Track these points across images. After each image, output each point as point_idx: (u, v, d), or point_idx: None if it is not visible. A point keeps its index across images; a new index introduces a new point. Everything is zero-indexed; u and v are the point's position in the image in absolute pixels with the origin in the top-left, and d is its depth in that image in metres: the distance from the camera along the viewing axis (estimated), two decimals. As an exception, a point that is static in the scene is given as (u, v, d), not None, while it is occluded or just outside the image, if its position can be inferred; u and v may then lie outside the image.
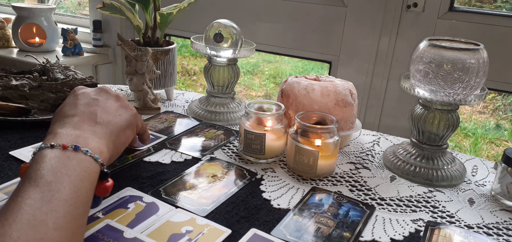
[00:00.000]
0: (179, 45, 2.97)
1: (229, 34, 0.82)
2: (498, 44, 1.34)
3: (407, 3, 1.42)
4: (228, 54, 0.82)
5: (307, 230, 0.51)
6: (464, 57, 0.60)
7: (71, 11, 2.75)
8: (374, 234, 0.52)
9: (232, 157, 0.69)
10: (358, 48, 1.54)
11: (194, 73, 3.08)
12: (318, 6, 1.57)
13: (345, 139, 0.76)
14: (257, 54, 2.75)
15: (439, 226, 0.54)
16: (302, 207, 0.56)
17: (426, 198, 0.61)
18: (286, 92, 0.74)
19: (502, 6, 1.82)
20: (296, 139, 0.64)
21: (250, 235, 0.49)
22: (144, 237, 0.47)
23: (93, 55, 2.06)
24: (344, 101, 0.71)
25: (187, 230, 0.49)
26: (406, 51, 1.46)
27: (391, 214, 0.57)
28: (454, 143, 2.18)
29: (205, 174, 0.63)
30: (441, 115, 0.65)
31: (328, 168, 0.65)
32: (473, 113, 2.41)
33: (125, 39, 0.83)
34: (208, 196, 0.57)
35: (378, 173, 0.68)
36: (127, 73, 0.84)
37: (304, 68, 2.86)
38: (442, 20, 1.40)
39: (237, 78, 0.86)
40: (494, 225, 0.56)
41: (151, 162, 0.65)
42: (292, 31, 1.65)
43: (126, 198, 0.55)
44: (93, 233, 0.47)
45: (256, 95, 2.81)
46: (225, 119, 0.84)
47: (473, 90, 0.62)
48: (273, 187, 0.61)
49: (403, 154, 0.70)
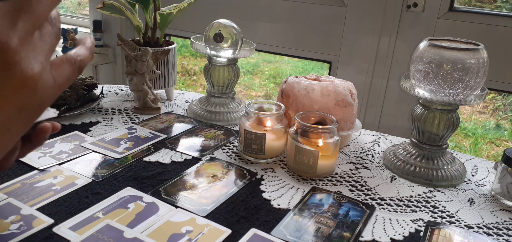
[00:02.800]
0: (179, 45, 2.97)
1: (229, 34, 0.82)
2: (498, 44, 1.34)
3: (407, 3, 1.42)
4: (228, 54, 0.82)
5: (307, 230, 0.51)
6: (464, 57, 0.60)
7: (71, 11, 2.75)
8: (374, 234, 0.52)
9: (232, 157, 0.69)
10: (358, 48, 1.54)
11: (194, 73, 3.08)
12: (318, 6, 1.57)
13: (345, 139, 0.76)
14: (257, 54, 2.75)
15: (439, 226, 0.54)
16: (302, 207, 0.56)
17: (426, 198, 0.61)
18: (286, 92, 0.74)
19: (502, 6, 1.82)
20: (296, 139, 0.64)
21: (250, 235, 0.49)
22: (144, 237, 0.47)
23: (93, 55, 2.06)
24: (344, 101, 0.71)
25: (187, 230, 0.49)
26: (406, 51, 1.46)
27: (391, 214, 0.57)
28: (454, 143, 2.18)
29: (205, 174, 0.63)
30: (441, 115, 0.65)
31: (328, 168, 0.65)
32: (473, 113, 2.41)
33: (125, 39, 0.83)
34: (208, 196, 0.57)
35: (378, 173, 0.68)
36: (127, 73, 0.84)
37: (304, 68, 2.86)
38: (442, 20, 1.40)
39: (237, 78, 0.86)
40: (494, 225, 0.56)
41: (151, 162, 0.65)
42: (292, 31, 1.65)
43: (126, 198, 0.55)
44: (93, 233, 0.47)
45: (256, 95, 2.81)
46: (225, 119, 0.84)
47: (473, 90, 0.62)
48: (273, 187, 0.61)
49: (403, 154, 0.70)
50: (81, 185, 0.57)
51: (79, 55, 0.31)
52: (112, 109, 0.86)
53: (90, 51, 0.32)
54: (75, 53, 0.31)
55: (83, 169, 0.61)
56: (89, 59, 0.32)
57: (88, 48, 0.32)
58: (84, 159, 0.65)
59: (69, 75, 0.30)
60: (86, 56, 0.32)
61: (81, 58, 0.31)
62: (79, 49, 0.32)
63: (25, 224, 0.48)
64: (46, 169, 0.60)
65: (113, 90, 0.99)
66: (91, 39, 0.33)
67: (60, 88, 0.29)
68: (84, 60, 0.31)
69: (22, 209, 0.50)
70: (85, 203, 0.53)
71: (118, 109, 0.87)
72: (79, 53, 0.31)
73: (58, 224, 0.48)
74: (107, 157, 0.66)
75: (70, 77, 0.30)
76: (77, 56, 0.31)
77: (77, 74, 0.31)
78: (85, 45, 0.32)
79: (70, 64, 0.30)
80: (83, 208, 0.52)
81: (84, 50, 0.32)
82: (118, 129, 0.77)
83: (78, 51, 0.31)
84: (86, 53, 0.32)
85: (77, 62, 0.31)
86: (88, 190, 0.56)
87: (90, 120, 0.80)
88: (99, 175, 0.60)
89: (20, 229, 0.47)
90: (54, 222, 0.49)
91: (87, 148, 0.68)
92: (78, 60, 0.30)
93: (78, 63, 0.31)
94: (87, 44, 0.32)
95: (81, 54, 0.31)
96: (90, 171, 0.61)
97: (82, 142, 0.70)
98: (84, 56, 0.31)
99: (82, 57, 0.31)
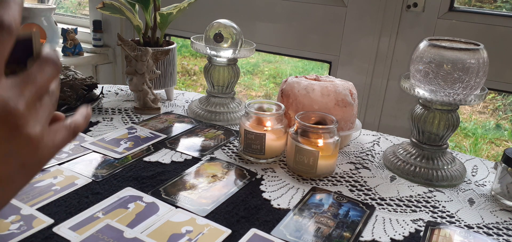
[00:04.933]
0: (179, 45, 2.97)
1: (229, 34, 0.82)
2: (498, 44, 1.34)
3: (407, 3, 1.42)
4: (228, 54, 0.82)
5: (307, 230, 0.51)
6: (464, 57, 0.60)
7: (71, 11, 2.75)
8: (374, 234, 0.52)
9: (232, 157, 0.69)
10: (358, 48, 1.54)
11: (194, 73, 3.08)
12: (318, 6, 1.57)
13: (345, 139, 0.76)
14: (257, 54, 2.75)
15: (439, 226, 0.54)
16: (302, 207, 0.56)
17: (426, 198, 0.61)
18: (286, 92, 0.74)
19: (502, 6, 1.82)
20: (296, 139, 0.64)
21: (250, 235, 0.49)
22: (144, 237, 0.47)
23: (93, 55, 2.06)
24: (344, 101, 0.71)
25: (187, 230, 0.49)
26: (406, 51, 1.46)
27: (391, 214, 0.57)
28: (454, 143, 2.18)
29: (205, 174, 0.63)
30: (441, 115, 0.65)
31: (328, 168, 0.65)
32: (473, 113, 2.41)
33: (125, 39, 0.83)
34: (208, 196, 0.57)
35: (378, 173, 0.68)
36: (127, 73, 0.84)
37: (304, 68, 2.86)
38: (442, 20, 1.39)
39: (237, 78, 0.86)
40: (494, 225, 0.56)
41: (151, 162, 0.65)
42: (292, 31, 1.65)
43: (126, 198, 0.55)
44: (93, 233, 0.47)
45: (256, 95, 2.81)
46: (225, 119, 0.84)
47: (473, 90, 0.62)
48: (273, 187, 0.61)
49: (403, 154, 0.70)
50: (81, 185, 0.57)
51: (74, 122, 0.36)
52: (112, 109, 0.86)
53: (85, 121, 0.38)
54: (71, 121, 0.36)
55: (83, 169, 0.61)
56: (84, 127, 0.38)
57: (84, 117, 0.37)
58: (84, 159, 0.65)
59: (65, 138, 0.35)
60: (81, 124, 0.37)
61: (76, 125, 0.36)
62: (76, 117, 0.37)
63: (25, 224, 0.48)
64: (46, 169, 0.60)
65: (113, 90, 0.99)
66: (88, 111, 0.38)
67: (57, 148, 0.33)
68: (79, 127, 0.37)
69: (22, 209, 0.50)
70: (85, 203, 0.53)
71: (118, 109, 0.87)
72: (75, 121, 0.36)
73: (58, 224, 0.48)
74: (107, 157, 0.66)
75: (66, 140, 0.35)
76: (72, 123, 0.36)
77: (72, 138, 0.36)
78: (82, 114, 0.38)
79: (66, 130, 0.35)
80: (83, 208, 0.52)
81: (80, 119, 0.37)
82: (118, 129, 0.77)
83: (74, 119, 0.36)
84: (82, 121, 0.37)
85: (72, 128, 0.36)
86: (88, 190, 0.56)
87: (90, 120, 0.80)
88: (99, 175, 0.60)
89: (20, 229, 0.47)
90: (54, 222, 0.49)
91: (87, 148, 0.68)
92: (73, 127, 0.36)
93: (73, 129, 0.36)
94: (83, 114, 0.38)
95: (77, 122, 0.37)
96: (90, 171, 0.61)
97: (82, 142, 0.70)
98: (79, 124, 0.37)
99: (77, 124, 0.36)
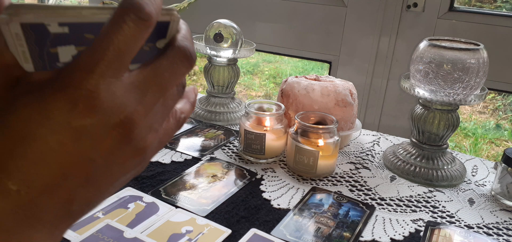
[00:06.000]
0: (179, 45, 2.96)
1: (229, 34, 0.82)
2: (498, 44, 1.34)
3: (407, 3, 1.42)
4: (228, 54, 0.82)
5: (307, 230, 0.51)
6: (464, 57, 0.60)
7: (71, 11, 2.74)
8: (374, 234, 0.52)
9: (232, 157, 0.69)
10: (358, 48, 1.54)
11: (194, 73, 3.08)
12: (318, 6, 1.57)
13: (345, 139, 0.76)
14: (257, 54, 2.75)
15: (439, 226, 0.54)
16: (302, 207, 0.56)
17: (426, 198, 0.61)
18: (286, 92, 0.74)
19: (502, 6, 1.82)
20: (296, 139, 0.64)
21: (250, 235, 0.49)
22: (144, 237, 0.47)
23: (93, 55, 2.06)
24: (344, 101, 0.71)
25: (187, 230, 0.49)
26: (406, 51, 1.46)
27: (391, 214, 0.57)
28: (454, 143, 2.18)
29: (205, 174, 0.63)
30: (441, 115, 0.65)
31: (328, 168, 0.65)
32: (473, 113, 2.41)
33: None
34: (208, 196, 0.57)
35: (378, 173, 0.68)
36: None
37: (304, 68, 2.86)
38: (442, 20, 1.39)
39: (237, 78, 0.86)
40: (494, 225, 0.56)
41: (151, 162, 0.65)
42: (292, 31, 1.65)
43: (126, 198, 0.55)
44: (93, 233, 0.47)
45: (256, 95, 2.81)
46: (225, 119, 0.84)
47: (473, 90, 0.62)
48: (273, 187, 0.61)
49: (403, 154, 0.70)
50: (81, 185, 0.57)
51: (183, 111, 0.30)
52: (112, 109, 0.86)
53: (193, 107, 0.31)
54: (180, 110, 0.30)
55: (83, 169, 0.61)
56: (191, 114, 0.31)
57: (192, 104, 0.31)
58: (84, 159, 0.65)
59: (173, 132, 0.29)
60: (190, 112, 0.31)
61: (185, 115, 0.30)
62: (185, 105, 0.31)
63: (25, 224, 0.48)
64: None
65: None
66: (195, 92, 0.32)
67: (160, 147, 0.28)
68: (187, 116, 0.31)
69: (22, 209, 0.50)
70: (85, 203, 0.53)
71: (118, 109, 0.87)
72: (184, 110, 0.30)
73: (58, 224, 0.48)
74: (107, 157, 0.65)
75: (172, 135, 0.29)
76: (181, 113, 0.30)
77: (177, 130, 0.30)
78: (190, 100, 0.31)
79: (175, 120, 0.29)
80: (83, 208, 0.52)
81: (188, 106, 0.31)
82: (118, 129, 0.77)
83: (183, 108, 0.30)
84: (190, 109, 0.31)
85: (181, 120, 0.30)
86: (88, 190, 0.56)
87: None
88: (99, 175, 0.60)
89: (20, 229, 0.47)
90: (54, 222, 0.49)
91: (87, 148, 0.68)
92: (182, 118, 0.30)
93: (182, 121, 0.30)
94: (191, 99, 0.31)
95: (185, 111, 0.30)
96: (90, 171, 0.61)
97: (82, 142, 0.70)
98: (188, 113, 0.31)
99: (185, 114, 0.30)
